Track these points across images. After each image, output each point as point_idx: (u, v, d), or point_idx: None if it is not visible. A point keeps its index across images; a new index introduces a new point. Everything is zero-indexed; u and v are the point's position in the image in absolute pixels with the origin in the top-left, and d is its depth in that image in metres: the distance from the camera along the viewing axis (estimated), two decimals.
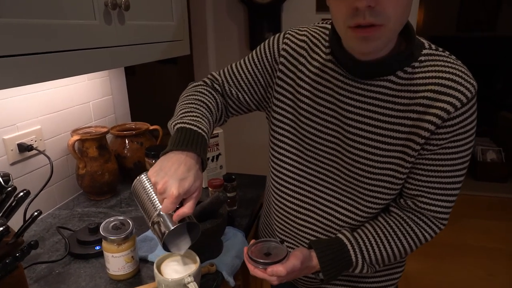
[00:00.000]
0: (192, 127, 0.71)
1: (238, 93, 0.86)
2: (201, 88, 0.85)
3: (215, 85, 0.87)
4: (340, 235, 0.77)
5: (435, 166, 0.70)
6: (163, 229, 0.66)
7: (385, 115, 0.69)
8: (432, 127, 0.66)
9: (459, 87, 0.65)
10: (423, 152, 0.70)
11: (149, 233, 1.04)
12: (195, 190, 0.66)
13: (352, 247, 0.75)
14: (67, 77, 0.79)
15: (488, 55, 4.66)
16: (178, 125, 0.72)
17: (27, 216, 0.82)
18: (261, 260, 0.72)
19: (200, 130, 0.71)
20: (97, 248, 0.96)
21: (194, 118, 0.74)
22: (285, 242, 0.77)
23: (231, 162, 1.95)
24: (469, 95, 0.65)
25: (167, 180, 0.63)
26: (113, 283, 0.86)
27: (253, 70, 0.84)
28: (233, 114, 0.91)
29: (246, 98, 0.86)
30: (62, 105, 1.23)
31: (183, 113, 0.76)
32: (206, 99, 0.82)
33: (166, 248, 0.72)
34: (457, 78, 0.65)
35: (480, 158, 3.44)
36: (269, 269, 0.70)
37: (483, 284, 2.13)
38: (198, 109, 0.78)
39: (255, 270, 0.73)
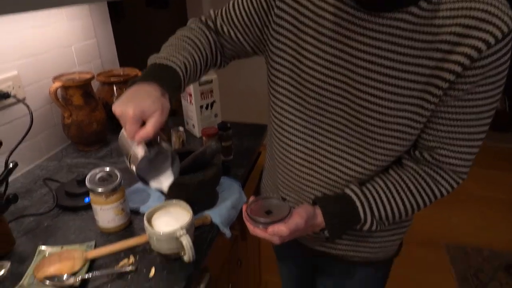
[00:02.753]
0: (163, 60, 0.67)
1: (231, 30, 0.77)
2: (193, 25, 0.80)
3: (209, 22, 0.81)
4: (347, 190, 0.71)
5: (459, 114, 0.62)
6: (134, 159, 0.62)
7: (402, 55, 0.59)
8: (458, 69, 0.57)
9: (494, 19, 0.55)
10: (446, 98, 0.61)
11: (141, 184, 0.99)
12: (154, 111, 0.60)
13: (361, 203, 0.69)
14: (29, 10, 0.68)
15: None
16: (152, 61, 0.68)
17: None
18: (262, 219, 0.66)
19: (171, 63, 0.67)
20: (86, 200, 0.91)
21: (170, 53, 0.70)
22: (287, 199, 0.71)
23: (227, 110, 1.87)
24: (505, 29, 0.55)
25: (124, 104, 0.60)
26: (103, 235, 0.83)
27: (248, 6, 0.74)
28: (232, 57, 0.84)
29: (239, 37, 0.78)
30: (40, 49, 1.13)
31: (162, 49, 0.73)
32: (194, 34, 0.77)
33: (145, 181, 0.67)
34: (491, 9, 0.55)
35: None
36: (270, 229, 0.65)
37: (482, 233, 2.15)
38: (179, 44, 0.73)
39: (255, 230, 0.68)
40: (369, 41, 0.61)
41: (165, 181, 0.68)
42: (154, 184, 0.68)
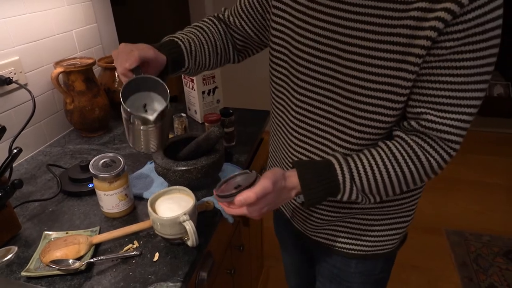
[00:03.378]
0: (166, 38, 0.77)
1: (236, 20, 0.84)
2: (206, 17, 0.88)
3: (219, 14, 0.88)
4: (329, 156, 0.68)
5: (444, 76, 0.58)
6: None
7: (385, 18, 0.58)
8: (440, 25, 0.54)
9: None
10: (429, 58, 0.58)
11: (144, 170, 0.99)
12: (145, 47, 0.69)
13: (340, 166, 0.65)
14: None
15: None
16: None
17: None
18: (229, 193, 0.61)
19: (172, 37, 0.76)
20: (90, 185, 0.92)
21: (177, 34, 0.80)
22: (254, 170, 0.67)
23: (230, 96, 1.86)
24: None
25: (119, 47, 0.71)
26: (108, 220, 0.84)
27: None
28: (244, 48, 0.89)
29: (244, 25, 0.83)
30: (41, 34, 1.12)
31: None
32: (204, 24, 0.85)
33: (131, 111, 0.67)
34: None
35: (486, 92, 3.31)
36: (237, 198, 0.59)
37: (482, 219, 2.16)
38: (188, 30, 0.82)
39: (229, 209, 0.64)
40: (350, 8, 0.60)
41: (152, 110, 0.70)
42: (142, 114, 0.68)
